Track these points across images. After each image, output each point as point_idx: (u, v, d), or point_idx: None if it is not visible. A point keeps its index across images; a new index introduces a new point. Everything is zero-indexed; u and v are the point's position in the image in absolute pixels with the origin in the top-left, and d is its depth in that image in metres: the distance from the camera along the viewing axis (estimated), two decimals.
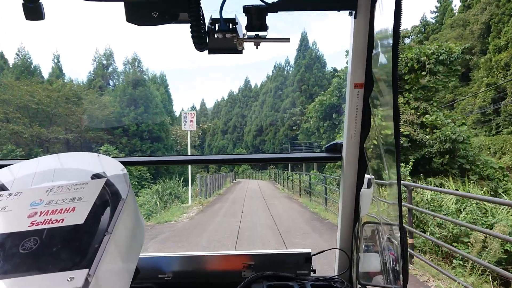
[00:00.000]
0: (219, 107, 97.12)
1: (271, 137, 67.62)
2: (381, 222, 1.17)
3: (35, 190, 0.79)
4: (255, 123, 74.24)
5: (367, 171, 1.26)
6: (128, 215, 0.77)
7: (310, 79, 60.51)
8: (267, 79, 78.91)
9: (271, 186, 28.49)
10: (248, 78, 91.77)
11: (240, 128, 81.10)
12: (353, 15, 1.08)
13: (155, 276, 1.32)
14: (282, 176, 32.39)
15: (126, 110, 29.48)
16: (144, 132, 29.01)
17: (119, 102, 30.03)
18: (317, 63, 62.64)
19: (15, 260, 0.62)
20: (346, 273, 1.34)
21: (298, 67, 63.46)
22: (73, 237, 0.66)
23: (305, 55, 63.55)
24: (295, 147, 59.59)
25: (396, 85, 0.86)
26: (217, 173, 35.69)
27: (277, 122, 66.98)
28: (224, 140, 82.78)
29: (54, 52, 54.97)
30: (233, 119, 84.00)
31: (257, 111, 75.82)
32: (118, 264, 0.71)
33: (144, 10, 0.90)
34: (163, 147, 31.04)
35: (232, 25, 0.94)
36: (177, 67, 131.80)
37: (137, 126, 29.20)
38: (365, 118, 1.21)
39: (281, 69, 73.43)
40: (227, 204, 15.69)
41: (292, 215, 11.98)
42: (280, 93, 68.82)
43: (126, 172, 0.86)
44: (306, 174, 23.12)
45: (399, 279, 1.01)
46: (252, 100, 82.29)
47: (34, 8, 0.88)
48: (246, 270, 1.34)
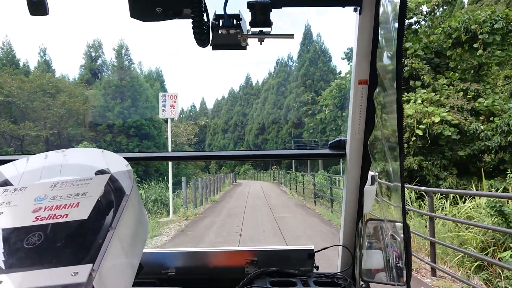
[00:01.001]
0: (219, 105, 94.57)
1: (273, 136, 64.55)
2: (385, 219, 1.14)
3: (39, 185, 0.80)
4: (256, 121, 71.54)
5: (371, 168, 1.26)
6: (132, 211, 0.78)
7: (315, 73, 57.01)
8: (268, 76, 75.72)
9: (277, 190, 24.86)
10: (249, 75, 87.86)
11: (241, 127, 78.69)
12: (358, 11, 1.07)
13: (159, 272, 1.33)
14: (287, 177, 29.07)
15: (111, 104, 25.94)
16: (131, 129, 25.43)
17: (103, 95, 26.53)
18: (322, 56, 59.13)
19: (20, 254, 0.63)
20: (349, 270, 1.34)
21: (302, 61, 60.00)
22: (77, 233, 0.67)
23: (309, 49, 60.10)
24: (299, 146, 56.30)
25: (400, 81, 0.85)
26: (217, 173, 32.66)
27: (280, 120, 63.78)
28: (224, 140, 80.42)
29: (41, 45, 51.32)
30: (234, 117, 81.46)
31: (258, 108, 72.85)
32: (122, 260, 0.72)
33: (148, 6, 0.90)
34: (154, 145, 27.50)
35: (236, 21, 0.94)
36: (176, 64, 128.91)
37: (123, 121, 25.62)
38: (369, 115, 1.20)
39: (284, 65, 70.01)
40: (220, 219, 11.90)
41: (316, 238, 8.35)
42: (283, 90, 65.38)
43: (130, 168, 0.86)
44: (311, 174, 19.78)
45: (402, 276, 1.02)
46: (254, 98, 79.43)
47: (38, 3, 0.89)
48: (249, 266, 1.34)
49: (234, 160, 23.55)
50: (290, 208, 14.03)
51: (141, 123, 26.12)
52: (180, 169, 32.15)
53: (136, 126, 25.98)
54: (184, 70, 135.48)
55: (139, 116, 26.08)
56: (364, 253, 1.24)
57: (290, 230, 9.29)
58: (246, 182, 40.60)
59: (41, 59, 32.83)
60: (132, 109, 25.84)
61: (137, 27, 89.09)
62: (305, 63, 58.75)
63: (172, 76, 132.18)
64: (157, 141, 28.23)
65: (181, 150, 36.35)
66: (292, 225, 10.11)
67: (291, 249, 1.37)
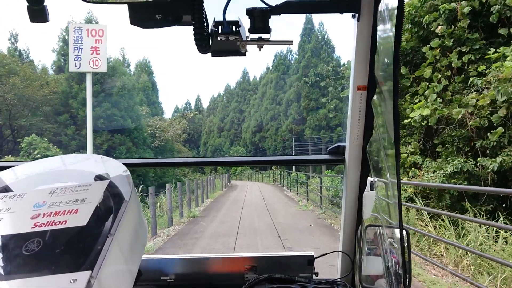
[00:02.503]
0: (215, 103, 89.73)
1: (272, 133, 59.98)
2: (384, 225, 1.16)
3: (38, 191, 0.79)
4: (254, 118, 67.14)
5: (370, 173, 1.26)
6: (131, 217, 0.78)
7: (318, 65, 52.17)
8: (267, 71, 70.87)
9: (280, 195, 20.05)
10: (246, 69, 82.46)
11: (237, 124, 74.37)
12: (356, 17, 1.07)
13: (158, 278, 1.32)
14: (289, 178, 24.53)
15: (74, 89, 21.04)
16: (100, 120, 20.52)
17: (67, 79, 21.62)
18: (325, 46, 54.37)
19: (18, 261, 0.62)
20: (348, 276, 1.33)
21: (303, 52, 55.18)
22: (76, 239, 0.66)
23: (310, 39, 55.29)
24: (300, 144, 51.55)
25: (396, 87, 0.86)
26: (212, 173, 28.24)
27: (279, 116, 59.06)
28: (220, 138, 75.75)
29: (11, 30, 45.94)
30: (230, 115, 76.81)
31: (256, 104, 68.19)
32: (121, 266, 0.72)
33: (148, 13, 0.90)
34: (130, 141, 22.58)
35: (235, 27, 0.94)
36: (170, 60, 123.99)
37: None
38: (368, 121, 1.20)
39: (283, 57, 64.96)
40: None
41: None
42: (283, 84, 60.54)
43: (129, 174, 0.86)
44: (318, 176, 17.15)
45: (401, 283, 1.01)
46: (251, 94, 74.55)
47: (39, 10, 0.89)
48: (248, 273, 1.33)
49: (231, 166, 19.87)
50: (311, 232, 8.92)
51: (114, 113, 21.20)
52: (166, 169, 27.55)
53: (106, 117, 21.04)
54: (179, 66, 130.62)
55: (110, 105, 21.16)
56: (363, 259, 1.24)
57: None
58: (242, 184, 35.63)
59: (12, 46, 27.96)
60: (101, 96, 20.92)
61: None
62: (306, 54, 54.05)
63: (166, 70, 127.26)
64: (134, 135, 23.37)
65: (168, 147, 31.66)
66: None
67: (291, 255, 1.36)
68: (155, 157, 27.74)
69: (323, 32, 56.76)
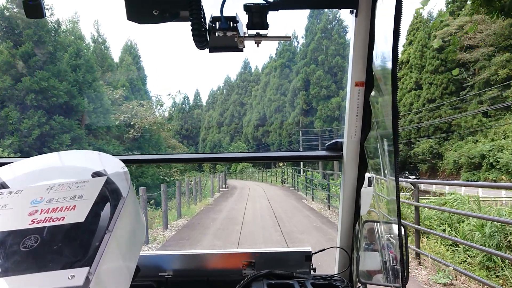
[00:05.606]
0: (214, 96, 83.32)
1: (276, 127, 53.28)
2: (381, 220, 1.17)
3: (35, 188, 0.79)
4: (256, 110, 60.52)
5: (368, 170, 1.26)
6: (129, 213, 0.78)
7: (330, 47, 45.53)
8: (269, 60, 64.19)
9: (300, 208, 13.42)
10: (247, 59, 75.50)
11: (238, 118, 67.80)
12: (354, 13, 1.07)
13: (156, 274, 1.33)
14: (299, 178, 18.89)
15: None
16: (30, 94, 13.96)
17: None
18: (338, 26, 47.57)
19: (16, 258, 0.63)
20: (346, 272, 1.35)
21: (312, 34, 48.40)
22: (74, 235, 0.66)
23: (320, 20, 48.47)
24: (309, 138, 45.01)
25: (395, 83, 0.86)
26: (210, 171, 22.32)
27: (284, 107, 52.38)
28: (220, 134, 69.34)
29: None
30: (230, 108, 70.08)
31: (258, 96, 61.54)
32: (119, 262, 0.72)
33: (145, 8, 0.90)
34: (83, 128, 16.11)
35: (233, 23, 0.94)
36: (168, 53, 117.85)
37: (29, 85, 14.08)
38: (365, 117, 1.21)
39: (288, 43, 58.05)
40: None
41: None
42: (288, 72, 53.81)
43: (127, 170, 0.86)
44: (331, 177, 15.20)
45: (399, 278, 1.03)
46: (253, 85, 67.92)
47: (35, 6, 0.90)
48: (246, 269, 1.34)
49: (228, 162, 16.28)
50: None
51: (53, 86, 14.63)
52: (146, 167, 21.44)
53: (40, 91, 14.49)
54: (176, 61, 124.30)
55: (50, 74, 14.61)
56: (361, 254, 1.25)
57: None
58: (242, 185, 29.04)
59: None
60: (34, 60, 14.36)
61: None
62: (315, 35, 47.32)
63: (163, 64, 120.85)
64: (92, 121, 16.88)
65: (154, 141, 25.32)
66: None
67: (289, 251, 1.36)
68: (148, 153, 21.90)
69: (335, 10, 50.00)
